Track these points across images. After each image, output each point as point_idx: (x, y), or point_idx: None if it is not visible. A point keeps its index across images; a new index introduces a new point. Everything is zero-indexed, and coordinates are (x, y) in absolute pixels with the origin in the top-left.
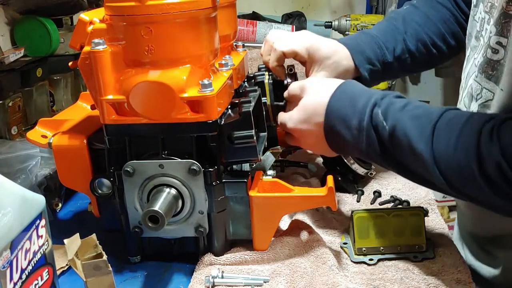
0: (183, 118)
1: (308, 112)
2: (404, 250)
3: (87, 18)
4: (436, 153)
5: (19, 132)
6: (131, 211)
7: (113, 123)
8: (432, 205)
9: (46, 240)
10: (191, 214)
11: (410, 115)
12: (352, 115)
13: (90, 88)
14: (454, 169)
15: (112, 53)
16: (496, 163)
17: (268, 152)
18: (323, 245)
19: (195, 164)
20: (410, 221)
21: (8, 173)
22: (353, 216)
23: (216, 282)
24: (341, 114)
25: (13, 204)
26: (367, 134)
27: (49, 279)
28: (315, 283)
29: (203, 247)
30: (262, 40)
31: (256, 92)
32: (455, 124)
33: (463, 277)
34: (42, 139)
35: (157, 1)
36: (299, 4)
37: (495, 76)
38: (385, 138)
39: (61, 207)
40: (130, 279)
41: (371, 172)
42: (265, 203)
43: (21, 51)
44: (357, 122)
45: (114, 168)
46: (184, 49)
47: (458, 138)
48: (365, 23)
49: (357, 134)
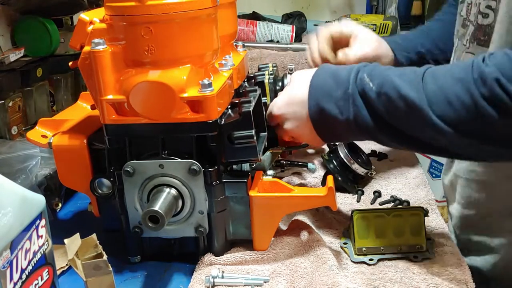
0: (183, 118)
1: (291, 95)
2: (404, 250)
3: (87, 18)
4: (429, 96)
5: (19, 132)
6: (131, 211)
7: (113, 123)
8: (432, 205)
9: (46, 240)
10: (191, 214)
11: (396, 73)
12: (336, 86)
13: (90, 88)
14: (452, 106)
15: (112, 53)
16: (495, 79)
17: (268, 152)
18: (323, 245)
19: (195, 164)
20: (410, 221)
21: (8, 173)
22: (353, 216)
23: (216, 282)
24: (325, 89)
25: (13, 204)
26: (353, 101)
27: (49, 279)
28: (315, 283)
29: (203, 247)
30: (262, 40)
31: (256, 92)
32: (443, 69)
33: (463, 277)
34: (42, 139)
35: (157, 1)
36: (299, 4)
37: (487, 41)
38: (374, 99)
39: (61, 207)
40: (130, 279)
41: (371, 172)
42: (265, 203)
43: (21, 51)
44: (342, 92)
45: (114, 168)
46: (184, 49)
47: (451, 75)
48: (365, 23)
49: (343, 104)
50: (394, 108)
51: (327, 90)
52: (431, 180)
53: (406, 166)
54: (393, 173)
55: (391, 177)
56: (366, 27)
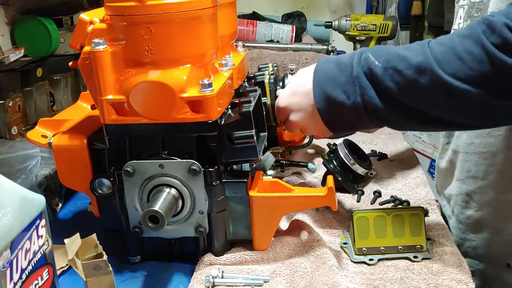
0: (183, 118)
1: (295, 86)
2: (404, 250)
3: (87, 18)
4: (438, 57)
5: (19, 132)
6: (131, 211)
7: (113, 123)
8: (432, 205)
9: (46, 240)
10: (191, 214)
11: (400, 47)
12: (340, 72)
13: (90, 88)
14: (464, 61)
15: (112, 53)
16: (504, 24)
17: (268, 152)
18: (323, 245)
19: (195, 164)
20: (410, 221)
21: (8, 173)
22: (353, 216)
23: (216, 282)
24: (329, 76)
25: (13, 204)
26: (359, 83)
27: (49, 279)
28: (315, 283)
29: (203, 247)
30: (262, 40)
31: (256, 92)
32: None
33: (463, 277)
34: (42, 139)
35: (157, 1)
36: (299, 4)
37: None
38: (381, 75)
39: (61, 207)
40: (130, 279)
41: (371, 172)
42: (265, 203)
43: (21, 51)
44: (346, 76)
45: (114, 168)
46: (184, 49)
47: (457, 35)
48: (365, 23)
49: (349, 88)
50: (403, 79)
51: (331, 77)
52: (431, 180)
53: (406, 166)
54: (393, 173)
55: (391, 177)
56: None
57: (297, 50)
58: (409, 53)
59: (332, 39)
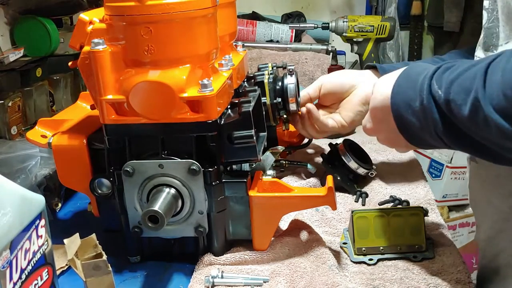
0: (183, 118)
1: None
2: (404, 250)
3: (87, 18)
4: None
5: (19, 132)
6: (131, 211)
7: (113, 123)
8: (432, 205)
9: (45, 240)
10: (191, 214)
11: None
12: (414, 94)
13: (90, 88)
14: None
15: (112, 53)
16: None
17: (268, 152)
18: (323, 245)
19: (195, 164)
20: (410, 221)
21: (8, 173)
22: (353, 216)
23: (216, 282)
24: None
25: (13, 204)
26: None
27: (48, 279)
28: (315, 283)
29: (203, 247)
30: (262, 40)
31: (256, 92)
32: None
33: (463, 277)
34: (42, 139)
35: (157, 1)
36: (299, 4)
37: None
38: (444, 107)
39: (61, 207)
40: (130, 279)
41: (371, 172)
42: (265, 203)
43: (21, 51)
44: (420, 102)
45: (114, 168)
46: (184, 49)
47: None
48: (363, 24)
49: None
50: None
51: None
52: (431, 180)
53: (406, 166)
54: (393, 173)
55: (391, 177)
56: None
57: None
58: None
59: (332, 39)
